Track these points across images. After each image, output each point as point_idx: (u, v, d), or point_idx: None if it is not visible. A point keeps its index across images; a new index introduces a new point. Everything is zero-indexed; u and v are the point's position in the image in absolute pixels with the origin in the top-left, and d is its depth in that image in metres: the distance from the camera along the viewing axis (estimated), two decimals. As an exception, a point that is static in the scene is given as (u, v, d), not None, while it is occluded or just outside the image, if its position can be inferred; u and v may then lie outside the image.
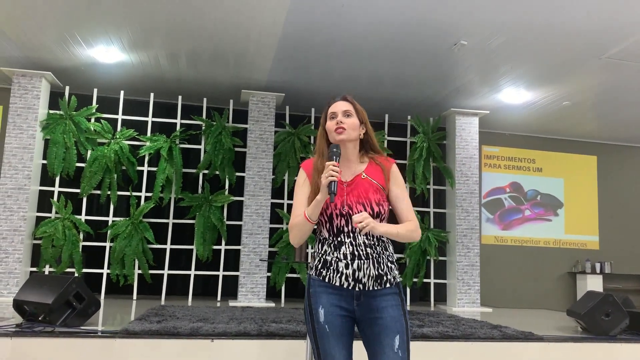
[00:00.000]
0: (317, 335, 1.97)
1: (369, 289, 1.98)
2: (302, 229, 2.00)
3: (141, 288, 7.57)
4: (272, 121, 7.90)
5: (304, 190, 2.08)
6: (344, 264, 1.97)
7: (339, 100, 2.14)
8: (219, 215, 7.65)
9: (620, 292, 8.94)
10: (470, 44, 6.15)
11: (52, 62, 7.10)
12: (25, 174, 7.05)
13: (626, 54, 6.20)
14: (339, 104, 2.12)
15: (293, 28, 5.92)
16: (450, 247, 8.35)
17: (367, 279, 1.97)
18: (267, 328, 4.38)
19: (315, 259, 2.07)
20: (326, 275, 2.00)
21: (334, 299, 1.98)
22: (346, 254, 1.98)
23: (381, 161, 2.12)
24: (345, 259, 1.98)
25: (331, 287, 1.99)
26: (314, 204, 1.95)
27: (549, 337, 4.72)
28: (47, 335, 3.89)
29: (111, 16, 5.81)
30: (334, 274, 1.98)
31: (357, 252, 1.98)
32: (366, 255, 1.98)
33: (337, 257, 1.99)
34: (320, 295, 1.99)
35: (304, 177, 2.10)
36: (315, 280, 2.03)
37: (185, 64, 7.08)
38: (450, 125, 8.63)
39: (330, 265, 2.00)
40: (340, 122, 2.05)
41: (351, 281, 1.97)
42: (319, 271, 2.02)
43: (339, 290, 1.98)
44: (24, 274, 6.89)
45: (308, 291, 2.04)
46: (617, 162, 10.15)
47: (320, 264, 2.03)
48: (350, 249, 1.99)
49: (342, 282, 1.98)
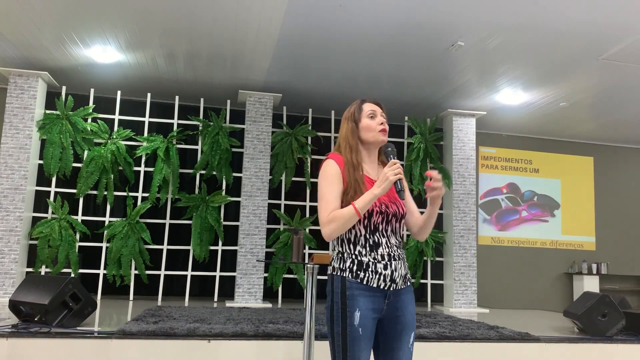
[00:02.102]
0: (349, 338, 1.95)
1: (398, 288, 2.03)
2: (347, 222, 1.95)
3: (138, 288, 7.56)
4: (269, 121, 7.89)
5: (338, 185, 2.03)
6: (382, 265, 2.00)
7: (372, 101, 2.17)
8: (216, 215, 7.64)
9: (616, 292, 8.98)
10: (468, 44, 6.16)
11: (49, 61, 7.08)
12: (21, 174, 7.03)
13: (623, 55, 6.22)
14: (375, 105, 2.15)
15: (290, 28, 5.91)
16: (447, 247, 8.36)
17: (399, 278, 2.03)
18: (264, 329, 4.38)
19: (344, 260, 2.02)
20: (364, 277, 1.98)
21: (370, 302, 1.98)
22: (383, 255, 2.01)
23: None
24: (383, 260, 2.00)
25: (368, 290, 1.98)
26: (369, 198, 1.93)
27: (545, 338, 4.73)
28: (43, 336, 3.87)
29: (108, 16, 5.79)
30: (372, 275, 1.99)
31: (392, 253, 2.03)
32: (398, 255, 2.04)
33: (374, 258, 2.00)
34: (358, 298, 1.97)
35: (338, 170, 2.04)
36: (352, 282, 1.98)
37: (182, 64, 7.07)
38: (447, 126, 8.64)
39: (367, 267, 1.99)
40: (383, 122, 2.10)
41: (388, 282, 2.00)
42: (356, 273, 1.99)
43: (374, 291, 1.99)
44: (20, 274, 6.87)
45: (343, 293, 1.98)
46: (613, 163, 10.17)
47: (356, 265, 2.00)
48: (386, 250, 2.02)
49: (379, 284, 1.99)
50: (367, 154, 2.12)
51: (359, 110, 2.13)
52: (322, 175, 2.06)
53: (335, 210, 1.97)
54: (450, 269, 8.21)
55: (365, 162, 2.10)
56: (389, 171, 1.92)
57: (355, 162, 2.04)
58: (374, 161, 2.15)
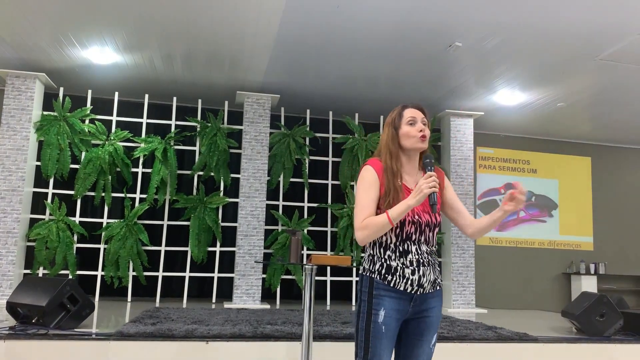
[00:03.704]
0: (372, 334, 2.03)
1: (426, 292, 2.08)
2: (380, 230, 2.01)
3: (136, 290, 7.54)
4: (267, 122, 7.89)
5: (374, 191, 2.08)
6: (410, 271, 2.06)
7: (414, 106, 2.16)
8: (214, 216, 7.63)
9: (614, 292, 8.99)
10: (465, 45, 6.16)
11: (46, 63, 7.07)
12: (19, 175, 7.01)
13: (621, 55, 6.23)
14: (417, 110, 2.14)
15: (288, 29, 5.91)
16: (445, 248, 8.36)
17: (427, 283, 2.08)
18: (263, 330, 4.38)
19: (374, 263, 2.10)
20: (391, 280, 2.06)
21: (395, 304, 2.05)
22: (412, 260, 2.07)
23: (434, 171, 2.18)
24: (411, 265, 2.06)
25: (394, 292, 2.06)
26: (403, 208, 1.97)
27: (543, 338, 4.73)
28: (41, 338, 3.86)
29: (106, 17, 5.79)
30: (399, 279, 2.05)
31: (421, 260, 2.07)
32: (428, 262, 2.09)
33: (403, 263, 2.06)
34: (384, 298, 2.05)
35: (375, 177, 2.09)
36: (380, 283, 2.07)
37: (180, 65, 7.06)
38: (445, 127, 8.65)
39: (395, 271, 2.06)
40: (423, 130, 2.10)
41: (415, 286, 2.06)
42: (384, 276, 2.07)
43: (401, 294, 2.06)
44: (17, 276, 6.85)
45: (370, 293, 2.07)
46: (611, 164, 10.19)
47: (384, 269, 2.07)
48: (416, 257, 2.07)
49: (406, 287, 2.05)
50: (407, 160, 2.14)
51: (399, 116, 2.14)
52: (359, 180, 2.13)
53: (370, 217, 2.03)
54: (448, 269, 8.21)
55: (404, 168, 2.13)
56: (424, 183, 1.94)
57: (395, 169, 2.08)
58: (415, 167, 2.16)
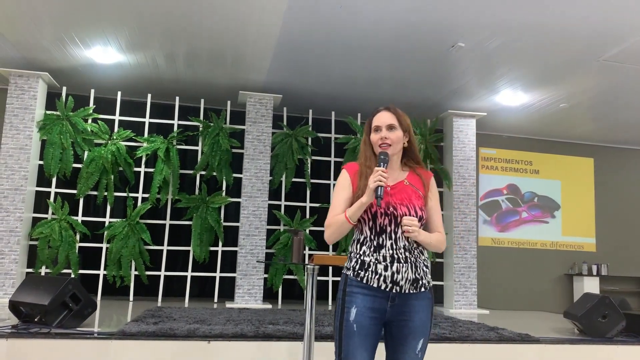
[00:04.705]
0: (344, 332, 2.01)
1: (404, 292, 2.02)
2: (340, 228, 2.04)
3: (138, 289, 7.55)
4: (269, 122, 7.89)
5: (345, 192, 2.12)
6: (383, 266, 2.01)
7: (382, 110, 2.15)
8: (216, 216, 7.63)
9: (616, 294, 8.98)
10: (468, 46, 6.16)
11: (49, 62, 7.09)
12: (21, 174, 7.03)
13: (623, 56, 6.22)
14: (383, 115, 2.13)
15: (290, 29, 5.92)
16: (447, 249, 8.35)
17: (404, 282, 2.02)
18: (264, 330, 4.38)
19: (350, 260, 2.10)
20: (364, 276, 2.03)
21: (368, 301, 2.02)
22: (386, 256, 2.02)
23: (421, 172, 2.19)
24: (384, 261, 2.02)
25: (367, 288, 2.02)
26: (358, 206, 2.00)
27: (545, 339, 4.72)
28: (43, 337, 3.87)
29: (108, 17, 5.80)
30: (372, 275, 2.02)
31: (397, 255, 2.02)
32: (405, 259, 2.03)
33: (376, 259, 2.03)
34: (356, 295, 2.03)
35: (348, 179, 2.13)
36: (353, 280, 2.05)
37: (182, 64, 7.07)
38: (447, 127, 8.64)
39: (368, 267, 2.03)
40: (385, 137, 2.09)
41: (389, 283, 2.01)
42: (357, 272, 2.05)
43: (375, 291, 2.02)
44: (20, 275, 6.87)
45: (343, 290, 2.07)
46: (614, 165, 10.17)
47: (358, 265, 2.05)
48: (390, 252, 2.02)
49: (379, 284, 2.01)
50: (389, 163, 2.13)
51: (369, 124, 2.17)
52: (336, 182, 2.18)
53: (334, 216, 2.07)
54: (450, 270, 8.20)
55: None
56: (371, 179, 1.96)
57: (366, 172, 2.08)
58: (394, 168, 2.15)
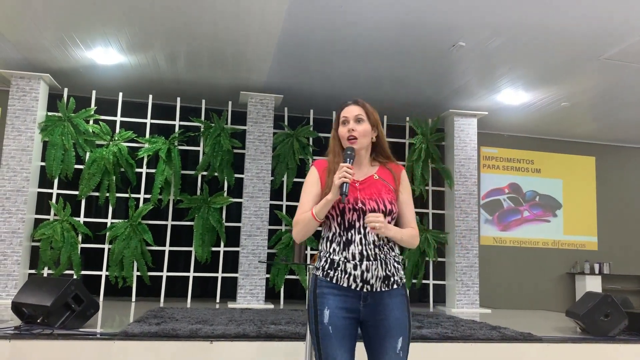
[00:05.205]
0: (320, 336, 1.96)
1: (376, 290, 1.98)
2: (307, 225, 2.00)
3: (140, 290, 7.56)
4: (270, 122, 7.90)
5: (313, 189, 2.08)
6: (352, 265, 1.97)
7: (350, 104, 2.13)
8: (218, 216, 7.64)
9: (619, 292, 8.96)
10: (469, 45, 6.16)
11: (51, 64, 7.10)
12: (23, 176, 7.04)
13: (625, 55, 6.21)
14: (351, 108, 2.11)
15: (291, 29, 5.92)
16: (449, 248, 8.35)
17: (374, 280, 1.97)
18: (266, 330, 4.38)
19: (320, 259, 2.05)
20: (333, 276, 1.99)
21: (340, 301, 1.97)
22: (355, 254, 1.97)
23: (391, 167, 2.15)
24: (353, 259, 1.97)
25: (338, 289, 1.98)
26: (323, 203, 1.96)
27: (548, 338, 4.72)
28: (46, 338, 3.88)
29: (110, 18, 5.80)
30: (341, 275, 1.97)
31: (365, 253, 1.97)
32: (374, 256, 1.98)
33: (345, 257, 1.98)
34: (327, 296, 1.98)
35: (316, 176, 2.10)
36: (322, 280, 2.01)
37: (183, 65, 7.07)
38: (448, 127, 8.64)
39: (337, 266, 1.99)
40: (352, 129, 2.06)
41: (359, 282, 1.96)
42: (326, 272, 2.00)
43: (345, 291, 1.97)
44: (22, 276, 6.88)
45: (313, 292, 2.02)
46: (615, 163, 10.15)
47: (327, 264, 2.01)
48: (359, 249, 1.98)
49: (349, 284, 1.97)
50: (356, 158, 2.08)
51: (337, 117, 2.15)
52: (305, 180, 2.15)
53: (301, 214, 2.03)
54: (452, 269, 8.20)
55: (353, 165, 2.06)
56: (336, 175, 1.93)
57: (333, 168, 2.04)
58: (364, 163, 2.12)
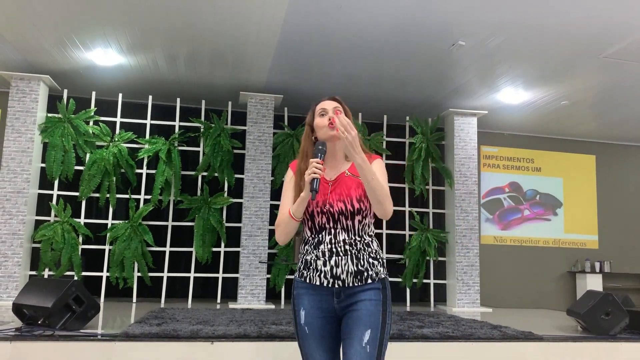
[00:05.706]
0: (299, 336, 2.03)
1: (348, 286, 1.97)
2: (286, 226, 2.02)
3: (141, 291, 7.56)
4: (270, 123, 7.90)
5: (291, 190, 2.09)
6: (322, 262, 1.99)
7: (327, 99, 2.15)
8: (218, 217, 7.64)
9: (620, 291, 8.94)
10: (469, 44, 6.16)
11: (51, 65, 7.10)
12: (24, 177, 7.04)
13: (625, 53, 6.20)
14: (328, 102, 2.12)
15: (291, 29, 5.92)
16: (449, 247, 8.35)
17: (345, 275, 1.97)
18: (267, 330, 4.38)
19: (299, 261, 2.10)
20: (307, 275, 2.02)
21: (315, 301, 2.00)
22: (324, 251, 1.99)
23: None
24: (323, 256, 1.99)
25: (312, 288, 2.01)
26: (299, 202, 1.97)
27: (548, 337, 4.72)
28: (47, 339, 3.88)
29: (109, 19, 5.81)
30: (313, 273, 2.00)
31: (335, 249, 1.99)
32: (344, 252, 1.98)
33: (316, 255, 2.00)
34: (302, 297, 2.03)
35: (291, 177, 2.12)
36: (298, 281, 2.06)
37: (183, 66, 7.08)
38: (448, 126, 8.64)
39: (310, 265, 2.02)
40: (332, 117, 2.03)
41: (330, 278, 1.97)
42: (302, 272, 2.05)
43: (319, 290, 2.00)
44: (23, 277, 6.88)
45: (292, 294, 2.08)
46: (615, 162, 10.15)
47: (302, 264, 2.05)
48: (328, 247, 1.99)
49: (321, 281, 1.98)
50: (331, 152, 2.07)
51: (312, 112, 2.13)
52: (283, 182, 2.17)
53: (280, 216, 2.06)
54: (452, 268, 8.20)
55: (326, 163, 2.04)
56: (307, 172, 1.92)
57: (303, 168, 2.02)
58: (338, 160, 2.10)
